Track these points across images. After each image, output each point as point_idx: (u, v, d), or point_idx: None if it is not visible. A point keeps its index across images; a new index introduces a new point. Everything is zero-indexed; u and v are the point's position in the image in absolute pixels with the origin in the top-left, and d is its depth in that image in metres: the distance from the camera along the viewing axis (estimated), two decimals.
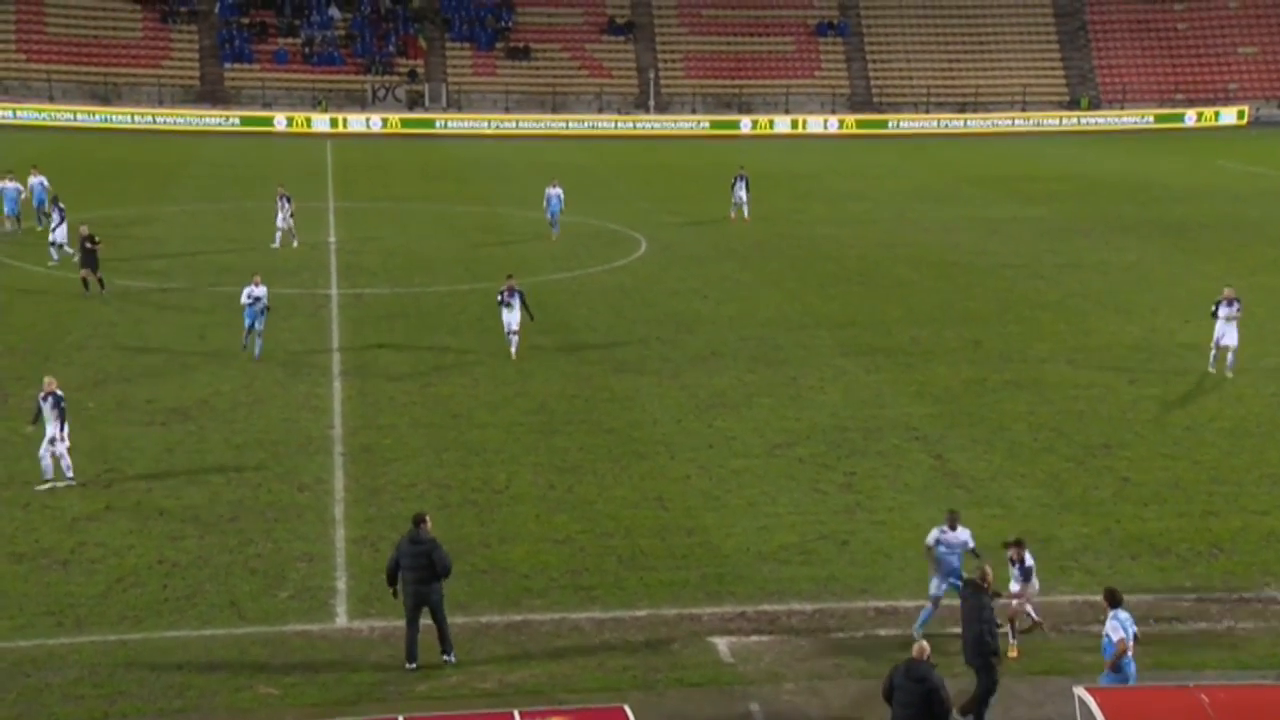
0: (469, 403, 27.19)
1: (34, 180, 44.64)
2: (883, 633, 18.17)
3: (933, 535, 18.06)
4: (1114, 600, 15.66)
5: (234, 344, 30.56)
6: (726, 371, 29.69)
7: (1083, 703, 13.04)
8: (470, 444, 24.84)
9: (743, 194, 48.11)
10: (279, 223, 41.95)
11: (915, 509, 22.28)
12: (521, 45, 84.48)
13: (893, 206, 52.92)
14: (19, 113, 74.48)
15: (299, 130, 75.86)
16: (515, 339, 30.11)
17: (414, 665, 16.85)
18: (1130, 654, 15.42)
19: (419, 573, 16.76)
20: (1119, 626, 15.35)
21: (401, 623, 17.29)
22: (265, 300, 29.65)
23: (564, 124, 79.26)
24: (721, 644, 17.74)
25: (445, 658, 17.02)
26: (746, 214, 47.86)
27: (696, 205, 51.98)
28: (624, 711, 12.85)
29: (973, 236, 46.47)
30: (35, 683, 16.42)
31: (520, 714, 12.54)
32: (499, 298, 30.28)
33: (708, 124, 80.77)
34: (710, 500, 22.48)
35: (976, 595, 16.04)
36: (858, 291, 37.78)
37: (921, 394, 28.44)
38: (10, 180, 44.79)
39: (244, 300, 29.63)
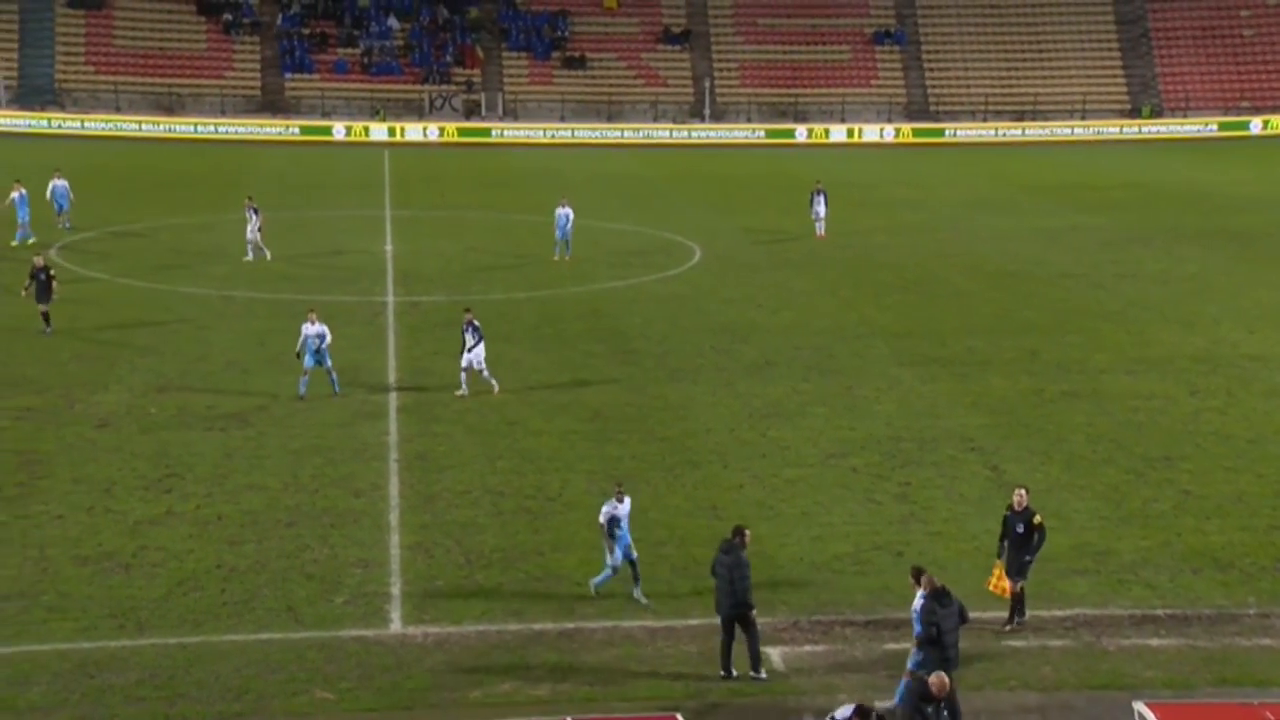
0: (523, 410, 27.29)
1: (56, 183, 46.42)
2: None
3: (605, 510, 19.00)
4: (919, 578, 16.30)
5: (293, 350, 30.85)
6: (781, 381, 29.60)
7: (1142, 717, 12.85)
8: (524, 451, 24.93)
9: (821, 209, 46.19)
10: (248, 234, 41.03)
11: (971, 520, 22.09)
12: (578, 54, 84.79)
13: (949, 216, 52.53)
14: (86, 123, 75.80)
15: (357, 139, 76.59)
16: (486, 374, 27.86)
17: (726, 674, 16.88)
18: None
19: (733, 584, 16.85)
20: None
21: (455, 629, 17.38)
22: (329, 337, 27.76)
23: (619, 133, 79.42)
24: (775, 654, 17.66)
25: (754, 674, 16.86)
26: (822, 230, 46.12)
27: (751, 214, 51.89)
28: (676, 718, 12.81)
29: (1031, 246, 46.02)
30: (99, 684, 16.67)
31: None
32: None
33: (763, 133, 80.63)
34: (764, 510, 22.41)
35: (734, 552, 17.02)
36: (914, 301, 37.53)
37: (978, 404, 28.19)
38: (60, 178, 46.57)
39: (307, 341, 27.62)
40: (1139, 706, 13.01)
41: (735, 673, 16.96)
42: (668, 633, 18.12)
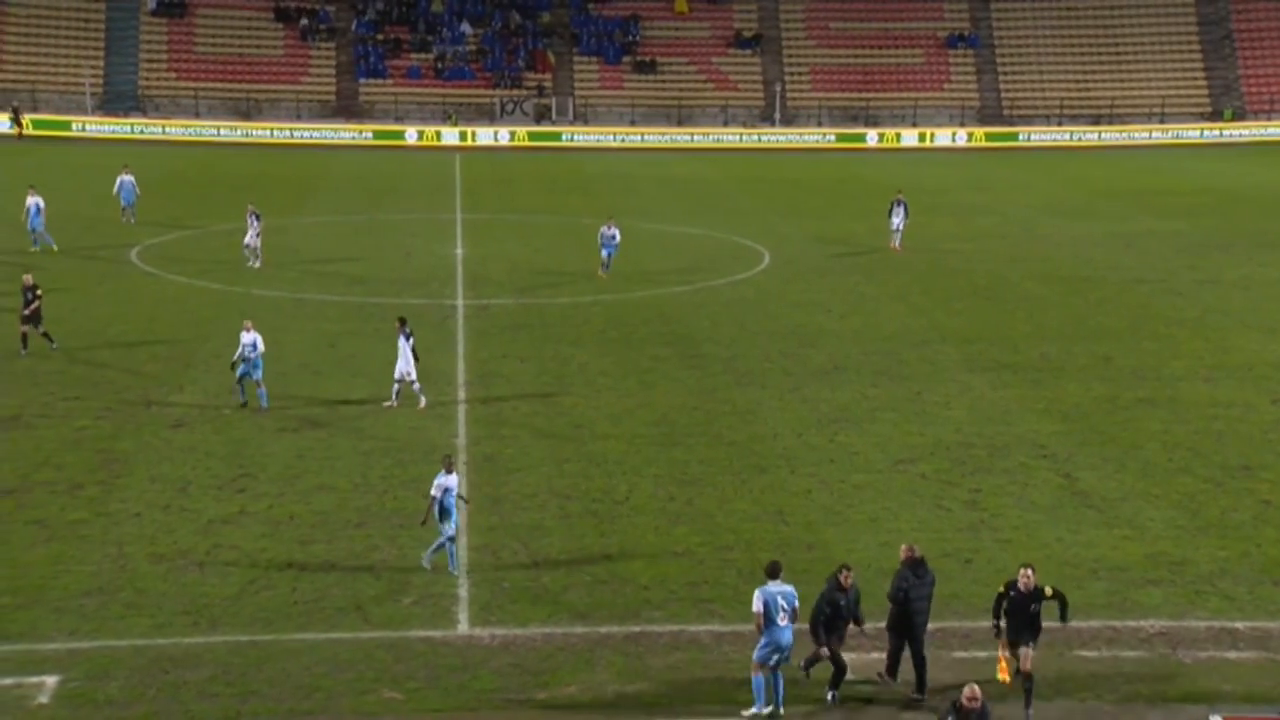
0: (591, 414, 27.34)
1: (123, 178, 47.80)
2: (1007, 653, 17.74)
3: (437, 482, 19.56)
4: (772, 573, 16.43)
5: (364, 352, 31.22)
6: (849, 386, 29.39)
7: None
8: (591, 455, 24.97)
9: (899, 220, 44.34)
10: (247, 240, 40.87)
11: (1042, 528, 21.78)
12: (648, 59, 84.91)
13: (1022, 221, 51.90)
14: (168, 129, 77.24)
15: (429, 144, 77.28)
16: (417, 388, 27.09)
17: (891, 679, 16.89)
18: (785, 623, 16.08)
19: (923, 602, 16.82)
20: (757, 598, 16.13)
21: (521, 631, 17.44)
22: (261, 347, 27.06)
23: (689, 137, 79.43)
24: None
25: (916, 696, 16.73)
26: (898, 242, 44.40)
27: (821, 219, 51.61)
28: None
29: (1105, 251, 45.33)
30: (174, 679, 16.93)
31: None
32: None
33: (833, 137, 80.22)
34: (831, 515, 22.26)
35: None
36: (985, 306, 37.11)
37: (1050, 411, 27.80)
38: (128, 174, 47.89)
39: (243, 350, 26.97)
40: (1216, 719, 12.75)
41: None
42: (734, 637, 18.03)
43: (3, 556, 20.41)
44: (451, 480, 19.93)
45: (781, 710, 16.21)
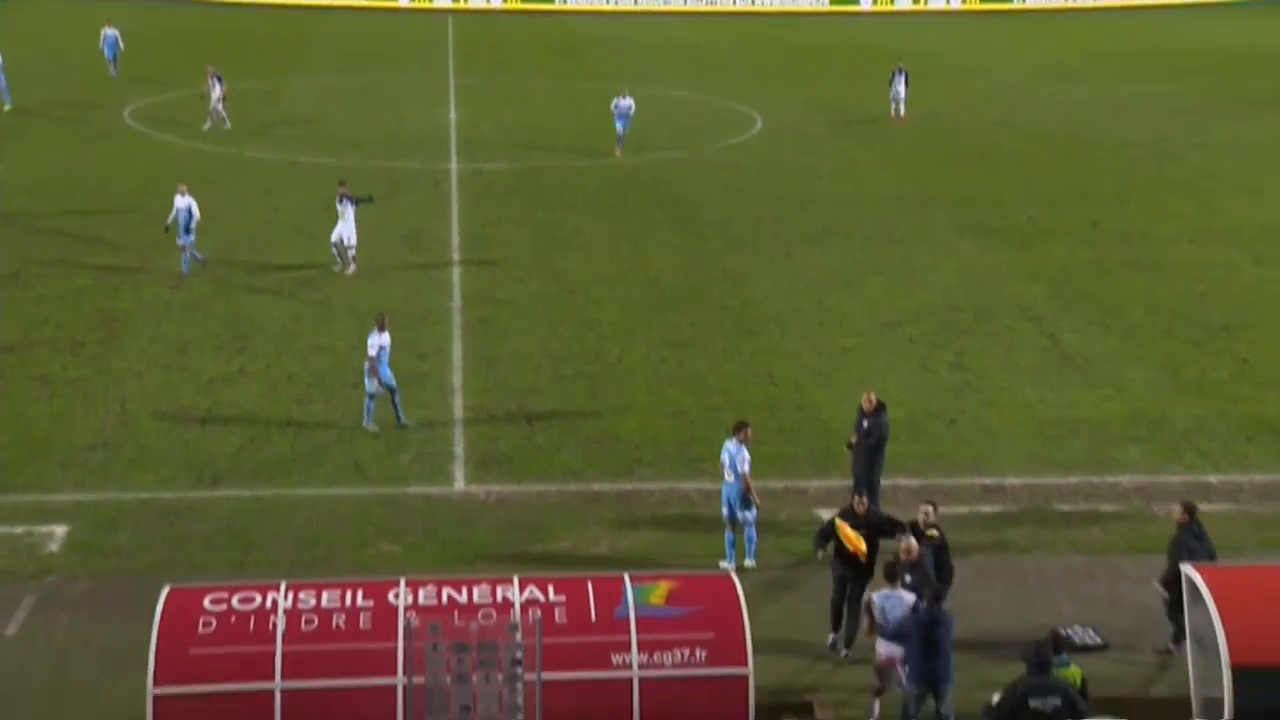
0: (584, 277, 27.31)
1: (106, 32, 47.90)
2: (987, 509, 18.09)
3: (371, 342, 19.63)
4: (733, 429, 16.68)
5: (358, 215, 30.97)
6: (839, 250, 29.33)
7: (1190, 581, 12.88)
8: (585, 318, 25.02)
9: (901, 89, 42.82)
10: (211, 103, 39.94)
11: (1025, 389, 21.98)
12: None
13: (1015, 84, 51.19)
14: None
15: (421, 5, 75.58)
16: (352, 253, 26.58)
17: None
18: (730, 479, 16.30)
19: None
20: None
21: (516, 488, 17.73)
22: (197, 214, 26.43)
23: (683, 0, 77.79)
24: (827, 515, 17.72)
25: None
26: (903, 111, 42.89)
27: (814, 84, 50.85)
28: (730, 578, 13.03)
29: (1096, 114, 44.82)
30: (179, 531, 17.23)
31: (630, 578, 12.76)
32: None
33: (827, 1, 78.60)
34: (820, 377, 22.42)
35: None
36: (975, 171, 36.84)
37: (1037, 274, 27.82)
38: (111, 28, 48.19)
39: (177, 215, 26.33)
40: (1188, 569, 13.01)
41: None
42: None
43: (8, 411, 20.64)
44: (386, 339, 19.98)
45: (749, 563, 16.39)
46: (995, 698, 12.27)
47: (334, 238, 26.93)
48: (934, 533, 14.67)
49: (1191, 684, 12.95)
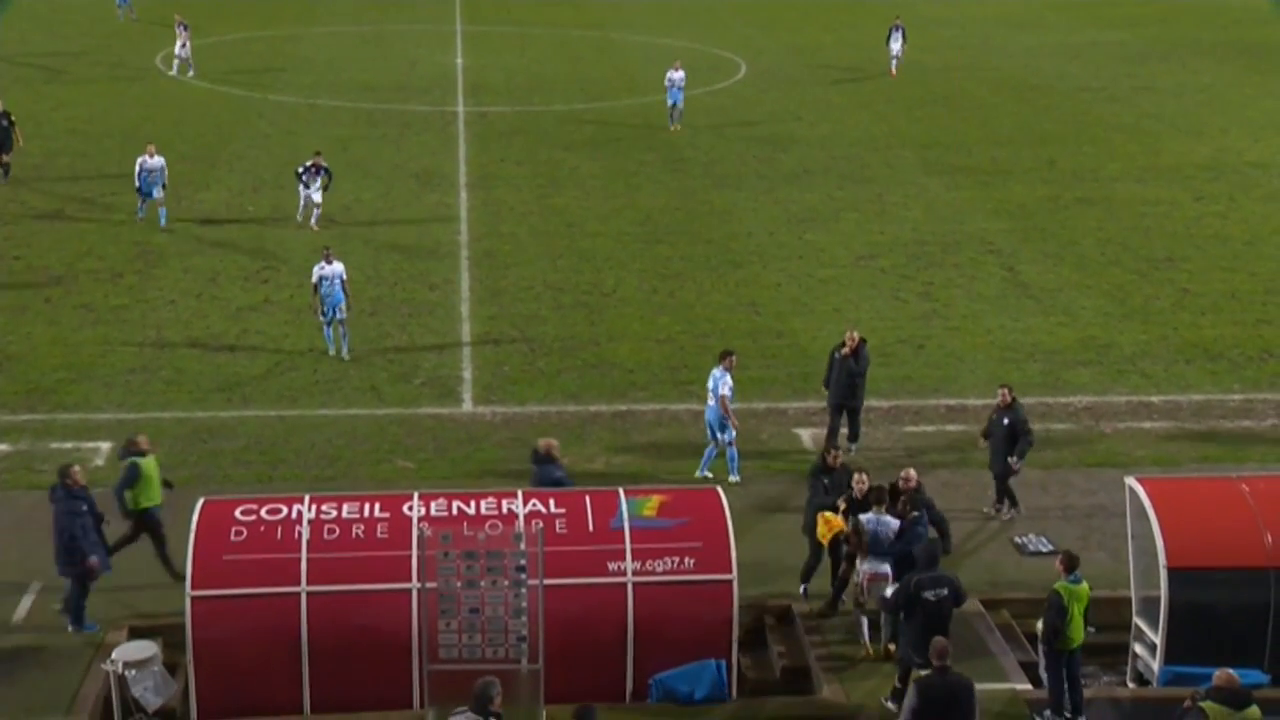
0: (581, 214, 27.01)
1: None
2: (951, 428, 18.04)
3: (315, 271, 19.36)
4: (719, 356, 16.54)
5: (373, 155, 30.60)
6: (817, 188, 29.01)
7: (1132, 491, 12.88)
8: (582, 251, 24.77)
9: (897, 46, 40.79)
10: (176, 51, 38.90)
11: (987, 317, 21.87)
12: None
13: (978, 32, 50.39)
14: None
15: None
16: (317, 213, 25.23)
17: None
18: (711, 402, 16.24)
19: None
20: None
21: (519, 409, 17.65)
22: (165, 173, 25.26)
23: None
24: (805, 435, 17.78)
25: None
26: (895, 68, 40.81)
27: (794, 31, 50.02)
28: (717, 492, 12.98)
29: (1053, 61, 44.18)
30: (211, 448, 17.12)
31: (625, 492, 12.73)
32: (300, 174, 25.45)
33: None
34: (799, 306, 22.26)
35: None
36: (942, 114, 36.37)
37: (998, 211, 27.57)
38: None
39: (143, 170, 25.10)
40: (1130, 481, 13.00)
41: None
42: None
43: (56, 336, 20.47)
44: (330, 269, 19.41)
45: (733, 479, 16.15)
46: (889, 591, 12.42)
47: (302, 199, 25.48)
48: (915, 514, 13.26)
49: (1132, 584, 13.01)
